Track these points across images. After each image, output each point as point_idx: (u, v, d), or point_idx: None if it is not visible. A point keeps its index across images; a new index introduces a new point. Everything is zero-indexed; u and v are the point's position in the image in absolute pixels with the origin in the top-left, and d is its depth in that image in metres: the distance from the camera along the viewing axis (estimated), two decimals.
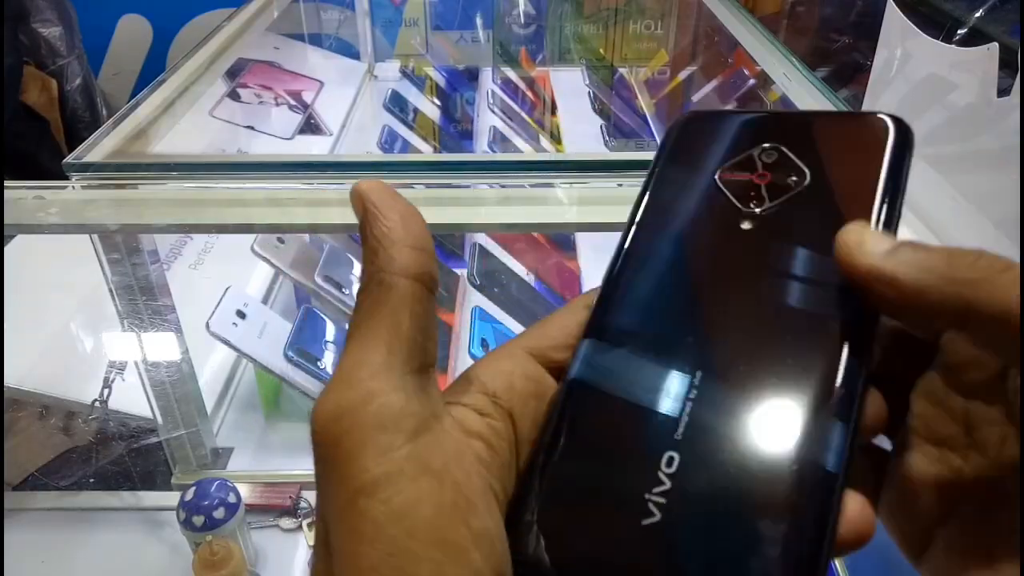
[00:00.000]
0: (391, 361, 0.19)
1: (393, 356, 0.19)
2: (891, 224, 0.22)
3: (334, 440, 0.18)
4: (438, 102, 1.51)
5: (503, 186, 0.65)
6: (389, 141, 1.27)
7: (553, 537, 0.19)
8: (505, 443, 0.21)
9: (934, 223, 0.54)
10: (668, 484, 0.19)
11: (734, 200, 0.24)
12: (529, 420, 0.21)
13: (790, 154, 0.24)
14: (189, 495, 0.68)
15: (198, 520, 0.67)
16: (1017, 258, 0.18)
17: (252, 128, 1.21)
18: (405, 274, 0.20)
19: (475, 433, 0.20)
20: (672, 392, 0.20)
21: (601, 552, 0.19)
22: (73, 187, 0.63)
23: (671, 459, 0.19)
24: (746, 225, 0.23)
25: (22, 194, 0.61)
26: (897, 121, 0.24)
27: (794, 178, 0.24)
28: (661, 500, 0.19)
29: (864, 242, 0.20)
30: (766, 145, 0.25)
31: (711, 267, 0.23)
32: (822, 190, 0.24)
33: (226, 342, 0.77)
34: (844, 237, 0.21)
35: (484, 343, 0.80)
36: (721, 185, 0.24)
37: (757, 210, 0.23)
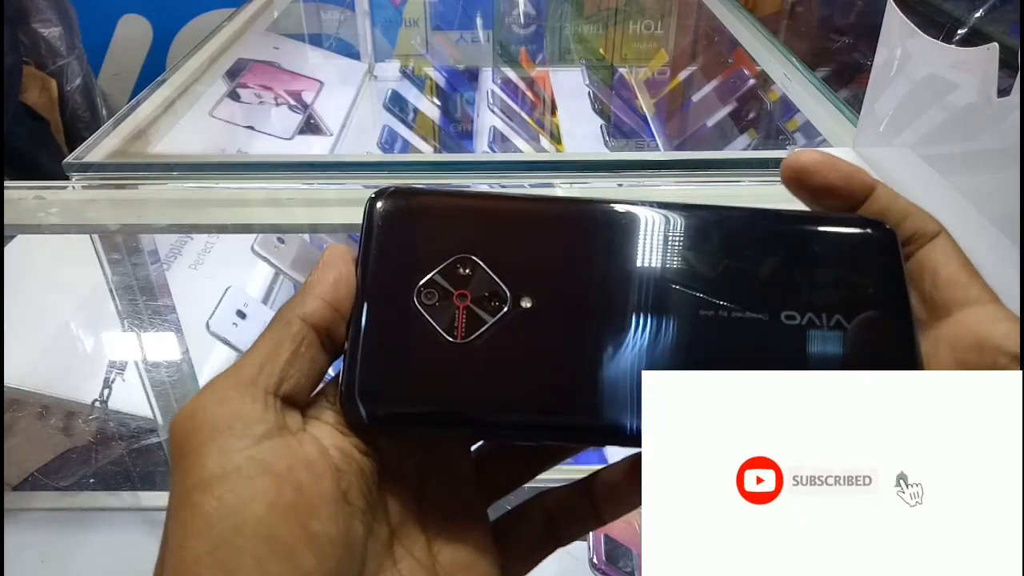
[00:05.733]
0: (258, 379, 0.20)
1: (263, 376, 0.20)
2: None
3: (183, 437, 0.19)
4: (438, 102, 1.51)
5: (503, 186, 0.65)
6: (389, 141, 1.27)
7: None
8: (363, 455, 0.21)
9: None
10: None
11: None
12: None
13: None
14: None
15: None
16: (1017, 258, 0.18)
17: (252, 128, 1.21)
18: (305, 318, 0.21)
19: (333, 445, 0.21)
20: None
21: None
22: (73, 187, 0.63)
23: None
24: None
25: (22, 194, 0.61)
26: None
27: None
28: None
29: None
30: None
31: None
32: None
33: (226, 342, 0.77)
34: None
35: None
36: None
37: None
